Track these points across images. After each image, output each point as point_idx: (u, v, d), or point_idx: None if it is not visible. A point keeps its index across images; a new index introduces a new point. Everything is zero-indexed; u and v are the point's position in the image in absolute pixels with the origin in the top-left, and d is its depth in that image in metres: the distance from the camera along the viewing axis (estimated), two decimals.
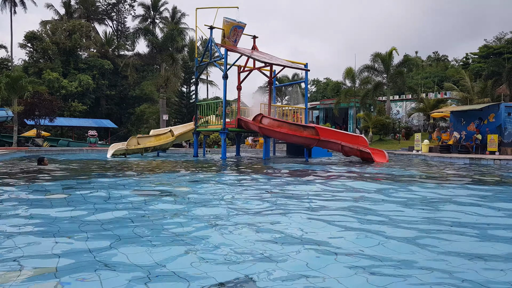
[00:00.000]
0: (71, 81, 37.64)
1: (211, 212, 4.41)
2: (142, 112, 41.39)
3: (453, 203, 5.26)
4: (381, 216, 4.26)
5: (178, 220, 3.93)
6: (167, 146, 19.68)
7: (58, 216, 4.07)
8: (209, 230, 3.53)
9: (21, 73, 27.69)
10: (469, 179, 8.57)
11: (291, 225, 3.77)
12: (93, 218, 3.96)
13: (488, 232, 3.62)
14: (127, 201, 5.12)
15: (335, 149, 15.76)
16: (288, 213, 4.35)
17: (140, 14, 46.48)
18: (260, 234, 3.40)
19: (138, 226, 3.66)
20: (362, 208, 4.73)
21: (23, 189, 6.12)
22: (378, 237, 3.33)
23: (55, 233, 3.34)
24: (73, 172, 9.27)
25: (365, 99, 35.67)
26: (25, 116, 25.78)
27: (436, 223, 3.92)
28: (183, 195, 5.75)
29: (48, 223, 3.69)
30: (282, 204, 4.91)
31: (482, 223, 3.98)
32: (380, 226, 3.74)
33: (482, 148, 18.64)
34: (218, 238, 3.24)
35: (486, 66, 40.23)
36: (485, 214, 4.46)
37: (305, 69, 18.84)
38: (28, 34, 38.14)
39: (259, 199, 5.42)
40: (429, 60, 69.96)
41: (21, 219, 3.91)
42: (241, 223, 3.82)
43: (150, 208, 4.64)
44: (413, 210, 4.62)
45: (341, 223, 3.88)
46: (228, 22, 16.71)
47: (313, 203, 5.05)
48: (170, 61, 37.95)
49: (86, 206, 4.68)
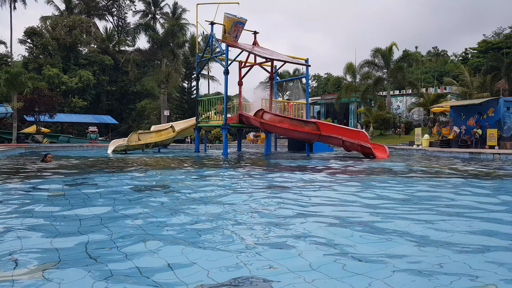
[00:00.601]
0: (72, 77, 37.62)
1: (211, 209, 4.46)
2: (143, 107, 41.40)
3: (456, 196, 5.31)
4: (383, 211, 4.32)
5: (178, 218, 3.98)
6: (168, 142, 19.72)
7: (57, 214, 4.12)
8: (208, 227, 3.58)
9: (21, 69, 27.70)
10: (471, 172, 8.63)
11: (293, 222, 3.82)
12: (90, 215, 4.02)
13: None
14: (127, 197, 5.17)
15: (336, 144, 15.80)
16: (289, 209, 4.40)
17: (140, 10, 46.41)
18: (261, 231, 3.45)
19: (138, 223, 3.71)
20: (365, 203, 4.79)
21: (20, 186, 6.17)
22: (381, 235, 3.39)
23: (54, 231, 3.39)
24: (73, 169, 9.32)
25: (365, 94, 35.71)
26: (25, 113, 25.73)
27: (443, 213, 3.98)
28: (183, 191, 5.80)
29: (45, 222, 3.72)
30: (283, 200, 4.96)
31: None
32: (383, 222, 3.80)
33: (482, 143, 18.69)
34: (218, 235, 3.29)
35: (485, 61, 40.23)
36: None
37: (306, 65, 18.86)
38: (28, 29, 38.06)
39: (260, 196, 5.47)
40: (429, 55, 69.89)
41: (18, 217, 3.96)
42: (242, 221, 3.87)
43: (150, 204, 4.69)
44: (415, 205, 4.68)
45: (344, 218, 3.94)
46: (229, 18, 16.69)
47: (316, 198, 5.10)
48: (171, 57, 37.91)
49: (84, 202, 4.74)
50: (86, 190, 5.60)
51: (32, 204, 4.49)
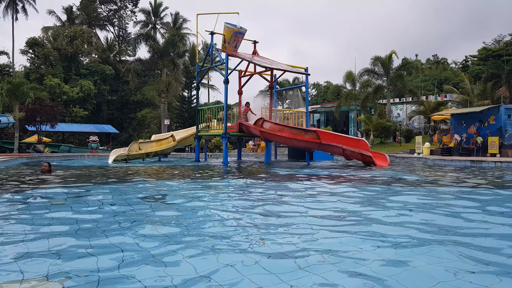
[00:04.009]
0: (73, 86, 37.78)
1: (212, 218, 4.44)
2: (144, 117, 41.49)
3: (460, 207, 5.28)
4: (386, 222, 4.29)
5: (179, 229, 3.96)
6: (169, 151, 19.73)
7: (58, 229, 4.11)
8: (210, 238, 3.56)
9: (23, 79, 27.83)
10: (473, 182, 8.60)
11: (294, 232, 3.79)
12: (92, 226, 4.00)
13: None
14: (127, 209, 5.15)
15: (336, 152, 15.78)
16: (291, 219, 4.37)
17: (141, 20, 46.75)
18: (260, 245, 3.43)
19: (138, 234, 3.69)
20: (364, 213, 4.76)
21: (22, 197, 6.16)
22: (383, 242, 3.36)
23: (57, 245, 3.38)
24: (73, 179, 9.31)
25: (365, 102, 35.78)
26: (27, 122, 25.83)
27: (450, 232, 3.95)
28: (182, 201, 5.78)
29: (45, 234, 3.71)
30: (284, 210, 4.93)
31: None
32: (387, 232, 3.77)
33: (483, 151, 18.66)
34: (218, 247, 3.27)
35: (486, 68, 40.32)
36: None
37: (305, 73, 18.91)
38: (30, 40, 38.34)
39: (260, 205, 5.45)
40: (429, 63, 70.16)
41: (20, 227, 3.95)
42: (244, 232, 3.85)
43: (152, 214, 4.67)
44: (419, 215, 4.65)
45: (347, 229, 3.91)
46: (229, 28, 16.80)
47: (318, 208, 5.08)
48: (171, 66, 38.09)
49: (84, 213, 4.72)
50: (83, 199, 5.58)
51: (31, 215, 4.47)
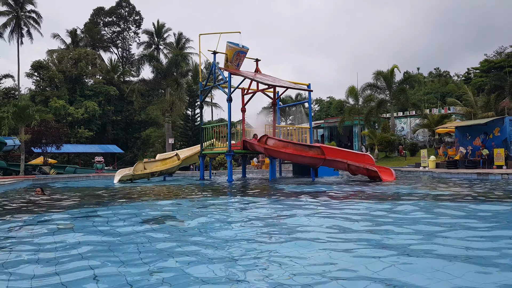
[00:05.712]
0: (77, 108, 38.19)
1: (219, 239, 4.39)
2: (148, 136, 41.74)
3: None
4: (397, 240, 4.23)
5: (186, 249, 3.92)
6: (174, 170, 19.71)
7: (63, 255, 4.08)
8: (217, 260, 3.52)
9: (28, 102, 28.25)
10: (482, 196, 8.50)
11: (303, 253, 3.74)
12: (98, 248, 3.97)
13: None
14: (133, 230, 5.11)
15: (341, 168, 15.71)
16: (299, 239, 4.32)
17: (144, 41, 47.55)
18: (269, 265, 3.38)
19: (143, 258, 3.66)
20: (377, 230, 4.70)
21: (26, 220, 6.14)
22: (391, 260, 3.30)
23: (62, 270, 3.35)
24: (78, 201, 9.30)
25: (369, 117, 35.80)
26: (32, 144, 26.05)
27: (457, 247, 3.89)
28: (187, 222, 5.74)
29: (52, 257, 3.69)
30: (291, 228, 4.88)
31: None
32: (397, 251, 3.71)
33: (489, 163, 18.50)
34: (224, 267, 3.23)
35: (488, 80, 40.40)
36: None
37: (308, 90, 19.01)
38: (35, 63, 39.01)
39: (267, 224, 5.40)
40: (431, 76, 70.41)
41: (25, 252, 3.92)
42: (252, 252, 3.80)
43: (155, 237, 4.64)
44: (431, 231, 4.58)
45: (356, 247, 3.86)
46: (231, 47, 16.99)
47: (325, 227, 5.02)
48: (175, 86, 38.51)
49: (91, 234, 4.69)
50: (88, 221, 5.55)
51: (36, 238, 4.45)
